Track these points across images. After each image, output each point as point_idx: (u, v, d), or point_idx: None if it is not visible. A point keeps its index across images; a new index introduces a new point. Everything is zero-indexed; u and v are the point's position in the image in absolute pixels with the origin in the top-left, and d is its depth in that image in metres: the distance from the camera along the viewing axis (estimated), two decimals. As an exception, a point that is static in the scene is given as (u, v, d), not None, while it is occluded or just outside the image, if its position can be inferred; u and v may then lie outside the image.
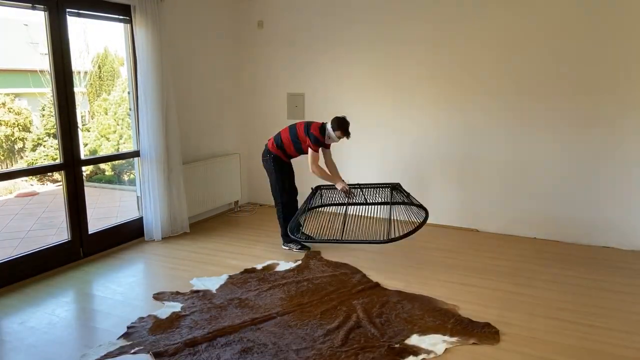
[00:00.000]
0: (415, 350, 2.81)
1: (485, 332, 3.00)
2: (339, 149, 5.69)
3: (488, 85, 4.79)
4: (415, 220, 3.92)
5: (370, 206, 4.38)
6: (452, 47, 4.88)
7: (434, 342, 2.89)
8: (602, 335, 3.00)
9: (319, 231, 4.68)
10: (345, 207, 4.37)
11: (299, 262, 4.19)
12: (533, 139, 4.70)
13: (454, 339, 2.93)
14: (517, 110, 4.72)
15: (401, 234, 3.82)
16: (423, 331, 3.01)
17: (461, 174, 5.05)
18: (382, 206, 4.32)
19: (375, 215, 4.69)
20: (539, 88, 4.60)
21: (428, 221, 5.25)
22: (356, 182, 4.49)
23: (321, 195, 4.54)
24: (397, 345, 2.85)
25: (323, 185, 4.53)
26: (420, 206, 4.04)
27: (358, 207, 4.57)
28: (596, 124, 4.45)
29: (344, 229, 4.21)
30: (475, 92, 4.85)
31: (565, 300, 3.47)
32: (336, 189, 4.39)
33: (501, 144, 4.84)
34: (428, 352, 2.80)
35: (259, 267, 4.09)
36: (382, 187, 4.42)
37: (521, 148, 4.76)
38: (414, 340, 2.92)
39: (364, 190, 4.39)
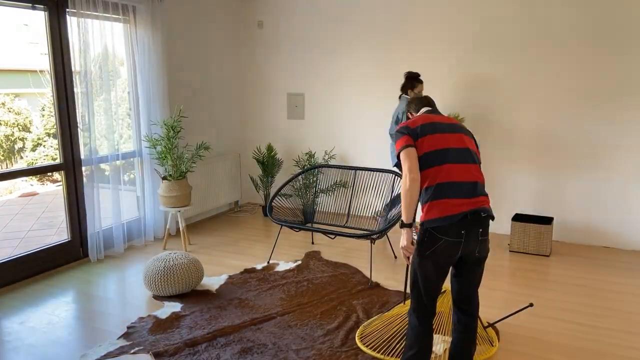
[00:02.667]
0: (415, 350, 2.80)
1: (485, 332, 2.99)
2: (340, 145, 5.70)
3: (488, 88, 4.79)
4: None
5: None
6: (454, 47, 4.88)
7: (434, 342, 2.89)
8: (603, 335, 3.00)
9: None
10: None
11: (299, 262, 4.19)
12: (532, 140, 4.71)
13: (454, 339, 2.93)
14: (517, 113, 4.72)
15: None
16: (423, 331, 3.01)
17: (461, 174, 5.04)
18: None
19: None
20: (540, 89, 4.61)
21: (428, 221, 5.28)
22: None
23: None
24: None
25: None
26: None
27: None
28: (596, 123, 4.46)
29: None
30: (475, 94, 4.85)
31: (566, 300, 3.47)
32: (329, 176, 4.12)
33: (500, 144, 4.84)
34: (428, 352, 2.79)
35: (259, 267, 4.09)
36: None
37: (519, 149, 4.77)
38: (414, 340, 2.92)
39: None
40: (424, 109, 2.53)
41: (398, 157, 2.26)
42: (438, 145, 2.22)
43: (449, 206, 2.12)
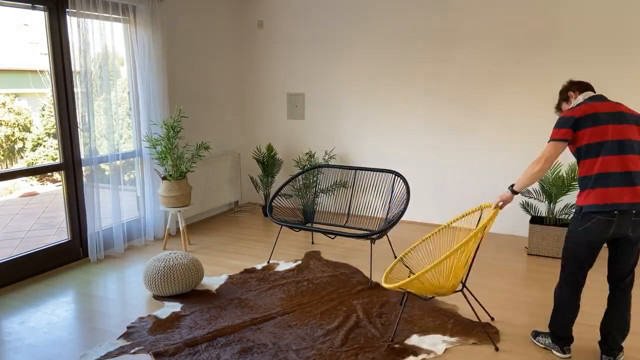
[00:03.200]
0: (415, 350, 2.81)
1: (484, 332, 3.00)
2: (340, 145, 5.70)
3: (487, 88, 4.79)
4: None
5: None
6: (454, 46, 4.88)
7: (434, 342, 2.89)
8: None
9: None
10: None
11: (299, 262, 4.19)
12: (532, 139, 4.71)
13: (454, 339, 2.93)
14: (518, 112, 4.72)
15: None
16: (423, 331, 3.01)
17: (460, 174, 5.05)
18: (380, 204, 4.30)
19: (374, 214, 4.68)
20: (538, 93, 4.61)
21: (428, 221, 5.28)
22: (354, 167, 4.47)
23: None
24: (397, 345, 2.85)
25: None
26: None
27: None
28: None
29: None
30: (476, 92, 4.85)
31: (565, 300, 3.46)
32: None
33: (499, 144, 4.84)
34: (428, 352, 2.80)
35: (259, 267, 4.09)
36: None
37: (520, 149, 4.77)
38: (414, 340, 2.92)
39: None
40: (588, 93, 2.66)
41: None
42: (598, 138, 2.46)
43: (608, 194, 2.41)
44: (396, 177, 4.24)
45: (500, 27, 4.66)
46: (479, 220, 3.13)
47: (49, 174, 8.65)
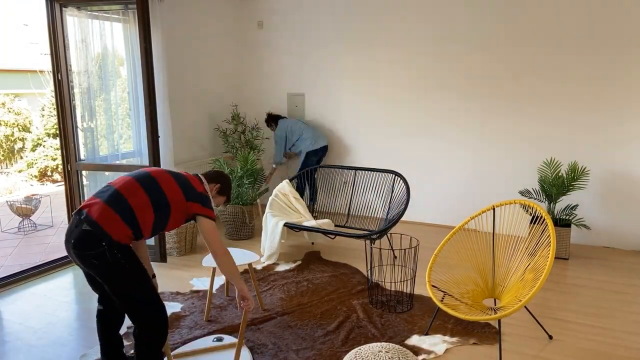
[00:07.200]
0: (416, 351, 2.81)
1: (485, 332, 3.00)
2: (340, 145, 5.68)
3: (485, 88, 4.79)
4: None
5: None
6: (455, 46, 4.88)
7: (434, 342, 2.89)
8: (602, 335, 2.99)
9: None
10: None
11: (299, 262, 4.19)
12: (533, 141, 4.71)
13: (454, 339, 2.93)
14: (519, 111, 4.72)
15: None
16: (423, 331, 3.01)
17: (462, 175, 5.05)
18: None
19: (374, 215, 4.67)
20: (543, 93, 4.61)
21: (429, 221, 5.28)
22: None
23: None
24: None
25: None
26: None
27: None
28: (597, 124, 4.46)
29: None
30: (477, 92, 4.85)
31: (566, 301, 3.47)
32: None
33: (501, 144, 4.84)
34: (428, 352, 2.80)
35: (259, 267, 4.09)
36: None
37: (520, 151, 4.77)
38: (414, 340, 2.92)
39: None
40: None
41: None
42: None
43: None
44: (396, 177, 4.25)
45: (505, 26, 4.66)
46: (493, 221, 3.12)
47: (49, 174, 8.64)
